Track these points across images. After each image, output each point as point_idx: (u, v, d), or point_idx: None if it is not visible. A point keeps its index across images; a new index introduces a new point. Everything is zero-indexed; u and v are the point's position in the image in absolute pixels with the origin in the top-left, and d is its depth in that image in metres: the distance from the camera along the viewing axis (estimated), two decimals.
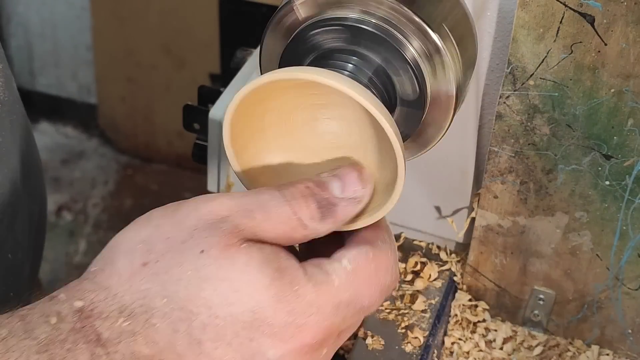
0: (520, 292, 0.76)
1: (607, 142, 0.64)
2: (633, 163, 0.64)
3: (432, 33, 0.48)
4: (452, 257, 0.80)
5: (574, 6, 0.59)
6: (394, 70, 0.49)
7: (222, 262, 0.42)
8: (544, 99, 0.64)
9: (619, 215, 0.67)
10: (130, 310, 0.41)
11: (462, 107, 0.54)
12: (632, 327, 0.73)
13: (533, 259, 0.73)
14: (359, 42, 0.49)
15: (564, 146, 0.66)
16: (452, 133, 0.53)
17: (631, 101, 0.62)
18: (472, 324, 0.78)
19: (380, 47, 0.49)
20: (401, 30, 0.49)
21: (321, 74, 0.44)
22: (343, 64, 0.49)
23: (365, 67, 0.49)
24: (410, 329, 0.73)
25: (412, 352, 0.72)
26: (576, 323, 0.75)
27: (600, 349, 0.76)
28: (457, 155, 0.73)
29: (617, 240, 0.69)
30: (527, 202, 0.70)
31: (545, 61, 0.62)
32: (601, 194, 0.67)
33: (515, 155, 0.68)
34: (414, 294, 0.77)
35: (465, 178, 0.74)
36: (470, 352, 0.75)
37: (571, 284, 0.73)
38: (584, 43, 0.60)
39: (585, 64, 0.61)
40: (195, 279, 0.41)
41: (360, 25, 0.48)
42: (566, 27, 0.60)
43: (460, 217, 0.77)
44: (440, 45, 0.49)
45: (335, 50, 0.49)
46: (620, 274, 0.70)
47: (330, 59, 0.49)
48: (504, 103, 0.65)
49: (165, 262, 0.42)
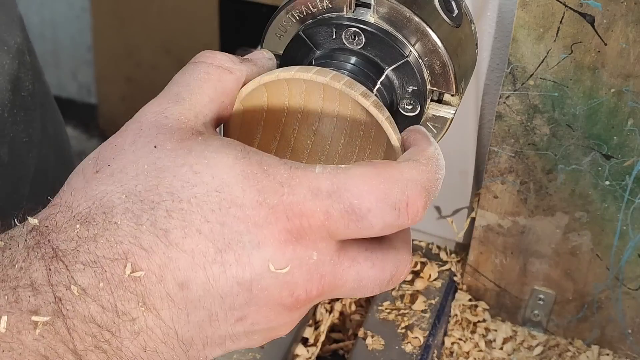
0: (520, 292, 0.76)
1: (607, 142, 0.64)
2: (633, 163, 0.64)
3: (432, 33, 0.49)
4: (452, 257, 0.80)
5: (574, 6, 0.59)
6: (401, 82, 0.49)
7: (179, 151, 0.39)
8: (544, 99, 0.64)
9: (619, 215, 0.67)
10: (87, 215, 0.38)
11: (462, 107, 0.54)
12: (632, 327, 0.73)
13: (533, 259, 0.73)
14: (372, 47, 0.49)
15: (564, 146, 0.66)
16: (452, 133, 0.53)
17: (631, 101, 0.62)
18: (472, 324, 0.78)
19: (380, 47, 0.49)
20: (401, 30, 0.49)
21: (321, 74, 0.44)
22: (343, 63, 0.49)
23: (365, 67, 0.49)
24: (410, 329, 0.73)
25: (412, 352, 0.72)
26: (576, 323, 0.75)
27: (600, 349, 0.76)
28: (457, 155, 0.73)
29: (617, 240, 0.69)
30: (527, 202, 0.70)
31: (545, 61, 0.62)
32: (601, 194, 0.67)
33: (515, 155, 0.68)
34: (414, 294, 0.77)
35: (465, 178, 0.74)
36: (470, 352, 0.75)
37: (571, 284, 0.73)
38: (584, 43, 0.60)
39: (585, 64, 0.61)
40: (154, 171, 0.39)
41: (377, 32, 0.48)
42: (566, 27, 0.60)
43: (460, 217, 0.77)
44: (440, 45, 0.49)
45: (335, 50, 0.49)
46: (620, 274, 0.70)
47: (330, 59, 0.49)
48: (504, 103, 0.65)
49: (117, 163, 0.39)
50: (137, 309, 0.37)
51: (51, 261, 0.37)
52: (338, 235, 0.40)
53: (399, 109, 0.50)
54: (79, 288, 0.37)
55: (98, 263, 0.37)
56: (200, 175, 0.39)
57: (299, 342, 0.75)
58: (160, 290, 0.38)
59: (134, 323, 0.38)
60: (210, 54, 0.45)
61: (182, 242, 0.38)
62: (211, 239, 0.38)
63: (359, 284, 0.42)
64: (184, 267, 0.38)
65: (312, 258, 0.39)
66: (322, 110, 0.48)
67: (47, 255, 0.37)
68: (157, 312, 0.38)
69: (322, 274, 0.40)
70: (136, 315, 0.38)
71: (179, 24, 2.03)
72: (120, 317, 0.37)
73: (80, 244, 0.37)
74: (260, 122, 0.48)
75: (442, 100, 0.51)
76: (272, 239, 0.38)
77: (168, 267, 0.38)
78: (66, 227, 0.38)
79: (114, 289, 0.37)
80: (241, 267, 0.38)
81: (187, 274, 0.38)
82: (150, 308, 0.38)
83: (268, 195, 0.39)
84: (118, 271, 0.37)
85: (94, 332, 0.37)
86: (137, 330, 0.38)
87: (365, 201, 0.39)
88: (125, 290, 0.37)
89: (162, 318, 0.38)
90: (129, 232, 0.38)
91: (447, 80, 0.50)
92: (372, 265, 0.42)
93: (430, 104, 0.51)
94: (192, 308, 0.38)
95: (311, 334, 0.75)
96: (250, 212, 0.38)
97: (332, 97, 0.47)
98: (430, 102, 0.51)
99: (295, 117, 0.48)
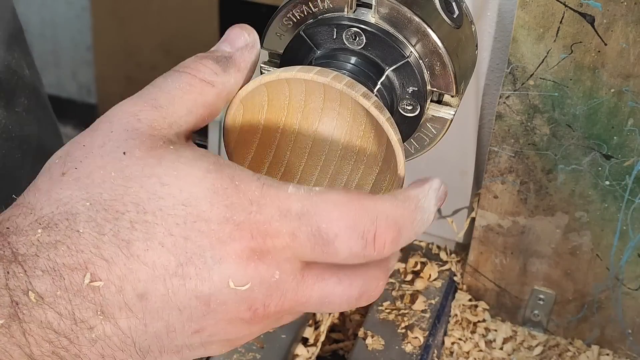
0: (520, 292, 0.76)
1: (607, 142, 0.64)
2: (633, 163, 0.64)
3: (433, 34, 0.48)
4: (452, 257, 0.80)
5: (574, 6, 0.59)
6: (401, 83, 0.49)
7: (148, 160, 0.39)
8: (544, 99, 0.64)
9: (619, 215, 0.67)
10: (49, 220, 0.37)
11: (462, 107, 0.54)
12: (632, 327, 0.73)
13: (533, 259, 0.73)
14: (372, 47, 0.49)
15: (564, 146, 0.66)
16: (452, 133, 0.53)
17: (631, 101, 0.62)
18: (472, 324, 0.78)
19: (380, 47, 0.49)
20: (402, 30, 0.49)
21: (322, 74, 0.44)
22: (343, 64, 0.49)
23: (366, 67, 0.49)
24: (410, 329, 0.73)
25: (412, 352, 0.72)
26: (576, 323, 0.75)
27: (600, 349, 0.76)
28: (457, 155, 0.73)
29: (617, 240, 0.69)
30: (527, 202, 0.70)
31: (545, 61, 0.62)
32: (601, 194, 0.67)
33: (515, 155, 0.68)
34: (414, 294, 0.77)
35: (465, 178, 0.74)
36: (470, 352, 0.75)
37: (571, 284, 0.73)
38: (584, 43, 0.60)
39: (585, 64, 0.61)
40: (120, 179, 0.38)
41: (378, 32, 0.48)
42: (566, 27, 0.60)
43: (460, 217, 0.77)
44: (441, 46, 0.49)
45: (335, 50, 0.49)
46: (620, 274, 0.70)
47: (331, 58, 0.49)
48: (504, 103, 0.65)
49: (85, 167, 0.39)
50: (95, 318, 0.37)
51: (10, 264, 0.37)
52: (304, 257, 0.40)
53: (399, 110, 0.50)
54: (36, 294, 0.36)
55: (57, 271, 0.37)
56: (168, 188, 0.38)
57: (299, 342, 0.75)
58: (119, 300, 0.37)
59: (92, 331, 0.38)
60: (194, 64, 0.44)
61: (143, 254, 0.37)
62: (173, 253, 0.38)
63: (324, 300, 0.41)
64: (144, 279, 0.38)
65: (274, 277, 0.39)
66: (323, 110, 0.48)
67: (5, 258, 0.37)
68: (116, 321, 0.38)
69: (283, 291, 0.40)
70: (94, 324, 0.37)
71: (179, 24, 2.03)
72: (78, 324, 0.37)
73: (41, 250, 0.37)
74: (260, 121, 0.48)
75: (442, 101, 0.51)
76: (235, 256, 0.38)
77: (128, 278, 0.37)
78: (27, 230, 0.37)
79: (72, 297, 0.37)
80: (201, 281, 0.38)
81: (147, 286, 0.38)
82: (109, 317, 0.38)
83: (236, 212, 0.38)
84: (77, 280, 0.37)
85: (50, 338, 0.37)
86: (95, 338, 0.38)
87: (334, 227, 0.39)
88: (84, 299, 0.37)
89: (120, 327, 0.38)
90: (91, 242, 0.37)
91: (447, 81, 0.50)
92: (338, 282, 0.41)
93: (430, 105, 0.51)
94: (150, 319, 0.38)
95: (311, 334, 0.75)
96: (216, 227, 0.38)
97: (332, 97, 0.47)
98: (430, 103, 0.51)
99: (296, 116, 0.48)
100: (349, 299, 0.42)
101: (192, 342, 0.40)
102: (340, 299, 0.42)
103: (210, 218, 0.38)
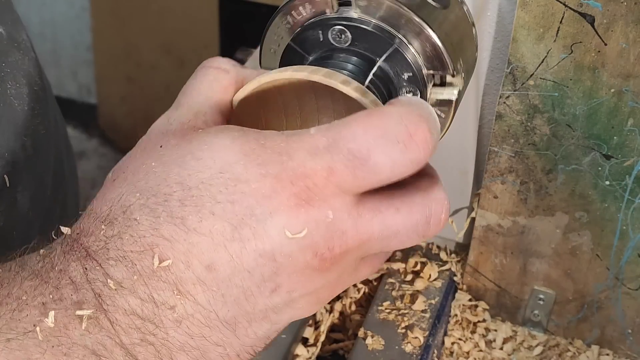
0: (520, 292, 0.76)
1: (607, 142, 0.64)
2: (633, 163, 0.64)
3: (432, 33, 0.48)
4: (452, 257, 0.80)
5: (574, 6, 0.59)
6: (395, 71, 0.49)
7: (181, 144, 0.41)
8: (544, 99, 0.64)
9: (619, 215, 0.67)
10: (108, 216, 0.40)
11: (462, 107, 0.54)
12: (632, 327, 0.73)
13: (533, 259, 0.73)
14: (359, 42, 0.49)
15: (564, 146, 0.66)
16: (452, 133, 0.53)
17: (631, 101, 0.62)
18: (472, 324, 0.78)
19: (367, 39, 0.49)
20: (386, 19, 0.49)
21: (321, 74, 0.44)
22: (343, 64, 0.49)
23: (357, 62, 0.49)
24: (410, 329, 0.73)
25: (412, 352, 0.72)
26: (576, 323, 0.75)
27: (600, 349, 0.76)
28: (457, 155, 0.73)
29: (617, 240, 0.69)
30: (527, 202, 0.70)
31: (545, 61, 0.62)
32: (601, 194, 0.67)
33: (515, 155, 0.68)
34: (414, 294, 0.77)
35: (465, 178, 0.74)
36: (470, 352, 0.75)
37: (571, 284, 0.73)
38: (584, 43, 0.60)
39: (585, 64, 0.61)
40: (160, 166, 0.41)
41: (361, 25, 0.48)
42: (566, 27, 0.60)
43: (460, 217, 0.77)
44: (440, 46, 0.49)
45: (326, 52, 0.49)
46: (620, 274, 0.70)
47: (330, 59, 0.49)
48: (504, 103, 0.65)
49: (130, 169, 0.42)
50: (174, 297, 0.39)
51: (85, 261, 0.39)
52: (349, 188, 0.40)
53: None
54: (114, 282, 0.38)
55: (127, 258, 0.39)
56: (203, 161, 0.40)
57: (299, 342, 0.75)
58: (190, 276, 0.39)
59: (174, 311, 0.39)
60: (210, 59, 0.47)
61: (199, 226, 0.39)
62: (225, 218, 0.39)
63: (388, 232, 0.41)
64: (207, 249, 0.39)
65: (329, 217, 0.40)
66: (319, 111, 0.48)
67: (81, 256, 0.39)
68: (193, 298, 0.39)
69: (343, 230, 0.40)
70: (174, 304, 0.39)
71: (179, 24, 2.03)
72: (159, 307, 0.39)
73: (108, 243, 0.39)
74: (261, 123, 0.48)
75: (446, 83, 0.51)
76: (283, 207, 0.39)
77: (192, 252, 0.39)
78: (93, 229, 0.40)
79: (147, 280, 0.38)
80: (259, 240, 0.39)
81: (211, 256, 0.39)
82: (186, 294, 0.39)
83: (269, 166, 0.39)
84: (147, 263, 0.39)
85: (137, 325, 0.38)
86: (179, 319, 0.39)
87: (363, 142, 0.39)
88: (158, 280, 0.39)
89: (199, 302, 0.39)
90: (149, 226, 0.39)
91: (440, 60, 0.49)
92: (396, 211, 0.41)
93: (432, 89, 0.51)
94: (225, 288, 0.39)
95: (311, 334, 0.75)
96: (256, 185, 0.39)
97: (323, 95, 0.47)
98: (432, 88, 0.51)
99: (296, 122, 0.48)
100: (415, 227, 0.42)
101: (275, 303, 0.41)
102: (405, 228, 0.42)
103: (248, 179, 0.39)
